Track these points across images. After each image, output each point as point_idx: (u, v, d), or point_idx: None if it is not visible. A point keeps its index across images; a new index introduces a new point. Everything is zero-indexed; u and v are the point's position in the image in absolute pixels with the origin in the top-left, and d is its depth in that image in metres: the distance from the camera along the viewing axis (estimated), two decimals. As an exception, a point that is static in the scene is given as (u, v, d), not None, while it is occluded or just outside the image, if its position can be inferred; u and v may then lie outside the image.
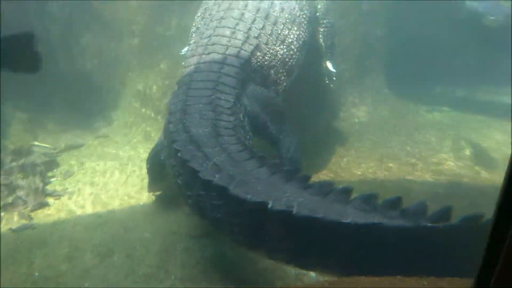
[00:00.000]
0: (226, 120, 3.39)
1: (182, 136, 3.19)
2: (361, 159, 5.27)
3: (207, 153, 2.96)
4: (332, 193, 2.48)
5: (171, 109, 3.59)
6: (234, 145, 3.11)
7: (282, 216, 2.35)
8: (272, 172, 2.77)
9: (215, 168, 2.81)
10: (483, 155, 5.22)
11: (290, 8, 4.29)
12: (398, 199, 2.32)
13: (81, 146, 6.29)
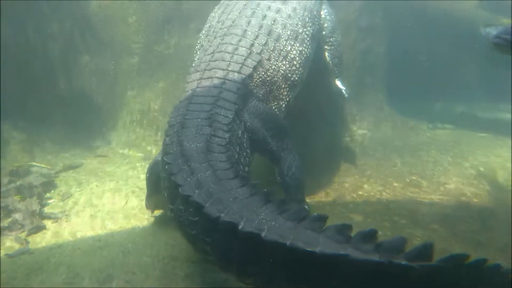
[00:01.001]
0: (221, 136, 3.39)
1: (175, 149, 3.24)
2: (365, 178, 5.19)
3: (193, 168, 2.99)
4: (307, 219, 2.41)
5: (170, 122, 3.63)
6: (222, 162, 3.12)
7: (252, 239, 2.33)
8: (252, 193, 2.75)
9: (197, 184, 2.84)
10: (490, 174, 5.15)
11: (292, 25, 4.31)
12: (373, 231, 2.17)
13: (80, 166, 6.20)
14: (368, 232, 2.17)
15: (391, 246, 2.08)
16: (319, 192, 4.93)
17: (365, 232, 2.17)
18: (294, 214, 2.47)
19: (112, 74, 7.14)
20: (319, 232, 2.29)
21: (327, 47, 5.13)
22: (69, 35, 6.92)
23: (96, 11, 6.91)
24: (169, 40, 7.18)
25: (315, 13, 4.70)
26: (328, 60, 5.18)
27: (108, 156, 6.60)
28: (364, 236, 2.16)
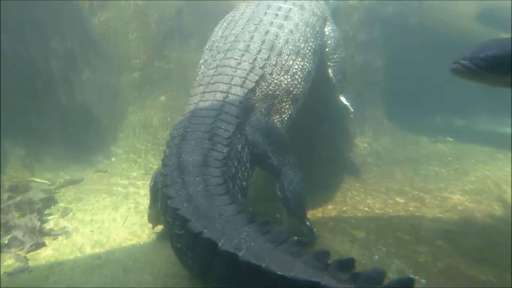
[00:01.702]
0: (219, 150, 3.43)
1: (173, 161, 3.30)
2: (367, 193, 5.16)
3: (186, 181, 3.06)
4: (287, 243, 2.46)
5: (172, 134, 3.69)
6: (216, 177, 3.17)
7: (229, 257, 2.38)
8: (239, 211, 2.81)
9: (187, 198, 2.90)
10: (493, 188, 5.12)
11: (294, 40, 4.37)
12: (351, 260, 2.19)
13: (80, 182, 6.17)
14: (345, 260, 2.18)
15: (369, 277, 2.08)
16: (321, 207, 4.89)
17: (342, 260, 2.19)
18: (275, 236, 2.51)
19: (113, 89, 7.16)
20: (298, 256, 2.32)
21: (330, 63, 5.19)
22: (71, 51, 6.96)
23: (98, 27, 6.97)
24: (170, 55, 7.23)
25: (318, 29, 4.76)
26: (331, 76, 5.24)
27: (108, 171, 6.57)
28: (342, 264, 2.17)
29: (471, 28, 7.23)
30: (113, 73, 7.13)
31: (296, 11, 4.60)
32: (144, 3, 6.94)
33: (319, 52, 4.89)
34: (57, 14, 6.71)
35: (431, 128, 7.89)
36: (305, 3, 4.82)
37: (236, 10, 4.92)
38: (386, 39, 7.37)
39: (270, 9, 4.58)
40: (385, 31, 7.36)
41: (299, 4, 4.73)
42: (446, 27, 7.34)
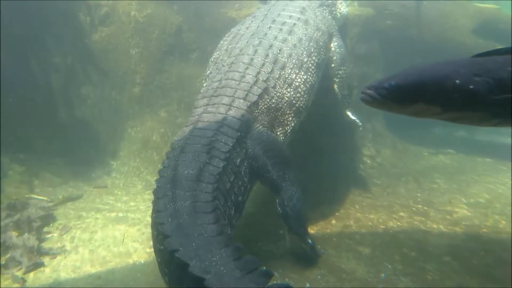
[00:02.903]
0: (215, 165, 3.44)
1: (168, 173, 3.34)
2: (370, 207, 5.10)
3: (177, 195, 3.10)
4: (254, 272, 2.50)
5: (173, 145, 3.72)
6: (206, 193, 3.19)
7: (197, 279, 2.44)
8: (219, 232, 2.85)
9: (173, 213, 2.95)
10: (498, 201, 5.06)
11: (298, 54, 4.41)
12: None
13: (79, 198, 6.11)
14: None
15: None
16: (324, 222, 4.82)
17: None
18: (245, 264, 2.55)
19: (113, 104, 7.15)
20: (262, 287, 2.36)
21: (336, 79, 5.22)
22: (71, 67, 6.97)
23: (99, 43, 6.99)
24: (171, 71, 7.24)
25: (321, 43, 4.80)
26: (337, 91, 5.26)
27: (107, 187, 6.51)
28: None
29: (469, 41, 7.26)
30: (114, 89, 7.12)
31: (300, 26, 4.65)
32: (145, 19, 6.98)
33: (323, 66, 4.92)
34: (58, 30, 6.74)
35: (431, 139, 7.86)
36: (310, 19, 4.87)
37: (242, 24, 4.97)
38: (384, 52, 7.39)
39: (275, 23, 4.63)
40: (383, 43, 7.38)
41: (304, 19, 4.78)
42: (445, 40, 7.37)
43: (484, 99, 2.07)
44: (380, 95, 2.08)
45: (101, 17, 6.97)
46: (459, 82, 2.05)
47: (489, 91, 2.05)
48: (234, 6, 7.21)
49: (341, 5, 6.05)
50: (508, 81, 2.05)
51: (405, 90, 2.08)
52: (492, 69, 2.07)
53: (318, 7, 5.38)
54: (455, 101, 2.09)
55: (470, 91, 2.05)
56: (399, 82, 2.08)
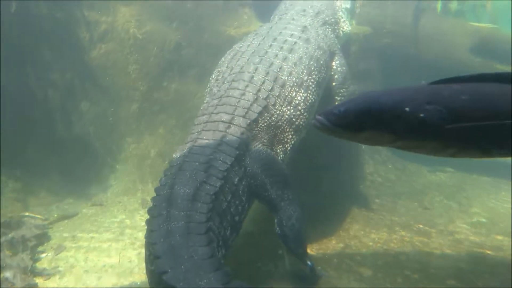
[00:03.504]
0: (212, 184, 3.41)
1: (165, 191, 3.33)
2: (371, 227, 5.03)
3: (171, 215, 3.10)
4: None
5: (171, 162, 3.70)
6: (200, 214, 3.17)
7: None
8: (210, 255, 2.85)
9: (166, 233, 2.96)
10: (500, 221, 5.01)
11: (298, 72, 4.43)
12: None
13: (75, 216, 6.01)
14: None
15: None
16: (324, 242, 4.75)
17: None
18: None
19: (111, 121, 7.11)
20: None
21: (337, 97, 5.24)
22: (70, 83, 6.95)
23: (97, 59, 6.98)
24: (169, 87, 7.23)
25: (322, 62, 4.82)
26: None
27: (104, 205, 6.41)
28: None
29: (467, 59, 7.32)
30: (112, 105, 7.09)
31: (301, 45, 4.68)
32: (144, 36, 7.00)
33: (324, 84, 4.93)
34: (57, 46, 6.73)
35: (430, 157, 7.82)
36: (311, 37, 4.90)
37: (244, 42, 5.00)
38: (382, 69, 7.43)
39: (276, 41, 4.66)
40: (381, 61, 7.43)
41: (305, 38, 4.81)
42: (443, 58, 7.42)
43: (435, 128, 1.99)
44: (330, 121, 1.99)
45: (100, 34, 6.98)
46: (409, 109, 1.97)
47: (440, 119, 1.97)
48: (234, 24, 7.25)
49: (345, 24, 6.10)
50: (461, 110, 1.97)
51: (354, 117, 1.99)
52: (446, 97, 2.00)
53: (321, 25, 5.43)
54: (405, 129, 2.02)
55: (420, 119, 1.97)
56: (348, 108, 2.00)
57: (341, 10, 6.26)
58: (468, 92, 2.00)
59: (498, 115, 1.96)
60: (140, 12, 7.07)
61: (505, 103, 1.97)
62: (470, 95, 1.98)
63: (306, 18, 5.39)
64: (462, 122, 1.96)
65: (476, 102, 1.99)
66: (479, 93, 2.01)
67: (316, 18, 5.49)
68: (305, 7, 5.64)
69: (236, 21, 7.29)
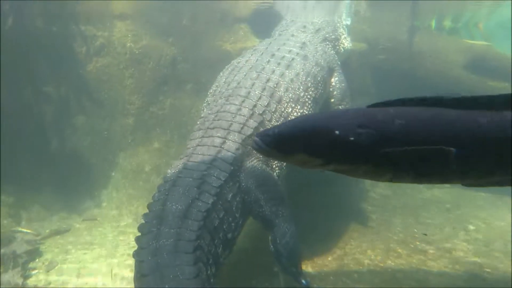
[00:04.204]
0: (204, 201, 3.39)
1: (157, 207, 3.32)
2: (367, 244, 4.98)
3: (161, 232, 3.10)
4: None
5: (165, 178, 3.68)
6: (190, 231, 3.16)
7: None
8: (195, 275, 2.87)
9: (154, 251, 2.97)
10: (497, 238, 4.98)
11: (294, 88, 4.44)
12: None
13: (67, 231, 5.92)
14: None
15: None
16: (320, 259, 4.69)
17: None
18: None
19: (106, 135, 7.06)
20: None
21: None
22: (65, 96, 6.92)
23: (93, 73, 6.97)
24: (165, 101, 7.22)
25: (319, 79, 4.83)
26: None
27: (97, 219, 6.33)
28: None
29: (461, 76, 7.38)
30: (107, 119, 7.06)
31: (299, 61, 4.70)
32: (140, 51, 7.02)
33: (321, 100, 4.94)
34: (53, 60, 6.72)
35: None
36: (310, 54, 4.92)
37: (242, 57, 5.02)
38: (377, 85, 7.48)
39: (274, 57, 4.68)
40: (376, 77, 7.49)
41: (303, 54, 4.84)
42: (437, 75, 7.49)
43: (366, 152, 1.92)
44: (265, 143, 1.93)
45: (96, 48, 6.99)
46: (339, 133, 1.91)
47: (372, 143, 1.90)
48: (230, 39, 7.31)
49: (345, 40, 6.15)
50: (394, 135, 1.90)
51: (285, 140, 1.93)
52: (379, 121, 1.93)
53: (321, 42, 5.46)
54: (335, 152, 1.95)
55: (350, 142, 1.90)
56: (282, 131, 1.95)
57: (342, 26, 6.32)
58: (404, 116, 1.94)
59: (432, 140, 1.90)
60: (137, 27, 7.11)
61: (440, 128, 1.92)
62: (405, 119, 1.93)
63: (306, 35, 5.42)
64: (395, 147, 1.89)
65: (410, 126, 1.93)
66: (414, 118, 1.96)
67: (317, 35, 5.53)
68: (306, 24, 5.69)
69: (232, 37, 7.34)
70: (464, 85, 7.16)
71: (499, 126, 1.91)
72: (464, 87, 7.08)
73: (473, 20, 9.11)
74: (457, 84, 7.29)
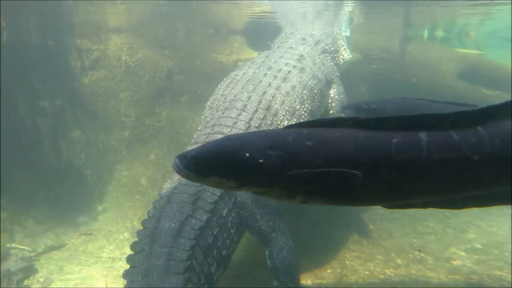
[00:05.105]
0: (198, 218, 3.38)
1: (151, 224, 3.33)
2: (366, 255, 4.95)
3: (153, 251, 3.12)
4: None
5: (161, 194, 3.67)
6: (182, 251, 3.17)
7: None
8: None
9: (144, 271, 3.00)
10: (495, 247, 4.97)
11: (290, 101, 4.44)
12: None
13: (63, 247, 5.83)
14: None
15: None
16: (319, 271, 4.65)
17: None
18: None
19: (101, 148, 7.03)
20: None
21: None
22: (60, 110, 6.89)
23: (88, 86, 6.97)
24: (161, 113, 7.21)
25: (316, 91, 4.83)
26: None
27: (93, 234, 6.24)
28: None
29: (455, 84, 7.45)
30: (103, 132, 7.03)
31: (295, 74, 4.70)
32: (136, 63, 7.03)
33: (318, 113, 4.94)
34: (48, 74, 6.71)
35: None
36: (307, 66, 4.93)
37: (240, 69, 5.03)
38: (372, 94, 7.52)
39: (271, 70, 4.69)
40: (371, 86, 7.53)
41: (300, 67, 4.84)
42: (431, 83, 7.55)
43: (275, 175, 1.86)
44: (182, 165, 1.85)
45: (91, 61, 7.00)
46: (249, 155, 1.85)
47: (281, 165, 1.84)
48: (225, 51, 7.34)
49: (345, 52, 6.17)
50: (302, 156, 1.84)
51: (200, 162, 1.86)
52: (289, 143, 1.87)
53: (320, 54, 5.46)
54: (246, 175, 1.90)
55: (260, 165, 1.85)
56: (196, 154, 1.88)
57: (342, 38, 6.35)
58: (314, 137, 1.89)
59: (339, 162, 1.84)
60: (132, 40, 7.12)
61: (349, 150, 1.85)
62: (315, 141, 1.87)
63: (305, 47, 5.42)
64: (304, 169, 1.83)
65: (318, 148, 1.87)
66: (324, 139, 1.90)
67: (316, 47, 5.54)
68: (305, 36, 5.70)
69: (227, 48, 7.38)
70: (458, 94, 7.21)
71: (412, 148, 1.82)
72: (458, 95, 7.13)
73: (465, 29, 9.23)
74: (451, 92, 7.34)
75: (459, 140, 1.82)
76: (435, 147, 1.81)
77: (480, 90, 7.38)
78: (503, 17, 9.22)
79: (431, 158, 1.81)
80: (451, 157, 1.81)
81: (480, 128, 1.85)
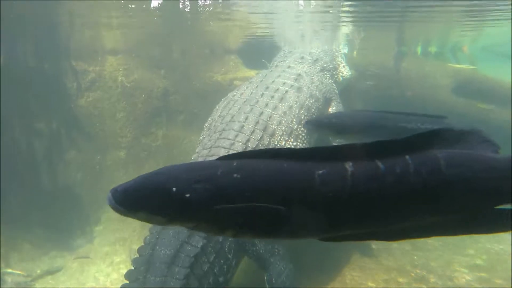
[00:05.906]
0: (194, 244, 3.36)
1: (146, 252, 3.33)
2: (367, 273, 4.88)
3: (147, 281, 3.13)
4: None
5: None
6: (176, 280, 3.17)
7: None
8: None
9: None
10: (497, 263, 4.92)
11: (287, 121, 4.43)
12: None
13: (59, 271, 5.74)
14: None
15: None
16: (321, 291, 4.57)
17: None
18: None
19: (98, 169, 6.98)
20: None
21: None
22: (56, 131, 6.87)
23: (84, 108, 6.96)
24: (157, 132, 7.20)
25: (313, 110, 4.84)
26: None
27: (89, 257, 6.14)
28: None
29: (450, 99, 7.49)
30: (99, 153, 6.99)
31: (293, 93, 4.70)
32: (132, 84, 7.05)
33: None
34: (44, 96, 6.71)
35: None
36: (304, 86, 4.92)
37: (238, 90, 5.02)
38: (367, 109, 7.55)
39: (268, 90, 4.68)
40: (366, 103, 7.56)
41: (297, 86, 4.84)
42: (425, 98, 7.59)
43: (201, 209, 1.79)
44: (113, 199, 1.74)
45: (87, 83, 7.01)
46: (176, 190, 1.78)
47: (207, 199, 1.77)
48: (220, 70, 7.38)
49: (344, 69, 6.19)
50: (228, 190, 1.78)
51: (129, 197, 1.77)
52: (217, 176, 1.81)
53: (318, 72, 5.47)
54: (173, 210, 1.80)
55: (186, 199, 1.77)
56: (126, 187, 1.78)
57: (340, 55, 6.38)
58: (242, 170, 1.82)
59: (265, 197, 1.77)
60: (128, 61, 7.16)
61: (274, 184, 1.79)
62: (242, 174, 1.80)
63: (303, 66, 5.42)
64: (232, 203, 1.76)
65: (245, 181, 1.80)
66: (251, 172, 1.83)
67: (314, 65, 5.54)
68: (303, 55, 5.71)
69: (222, 68, 7.42)
70: (452, 108, 7.26)
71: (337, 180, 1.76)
72: (453, 109, 7.17)
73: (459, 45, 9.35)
74: (446, 107, 7.38)
75: (383, 170, 1.75)
76: (360, 178, 1.74)
77: (475, 104, 7.43)
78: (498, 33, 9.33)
79: (356, 189, 1.73)
80: (374, 187, 1.73)
81: (407, 157, 1.77)
